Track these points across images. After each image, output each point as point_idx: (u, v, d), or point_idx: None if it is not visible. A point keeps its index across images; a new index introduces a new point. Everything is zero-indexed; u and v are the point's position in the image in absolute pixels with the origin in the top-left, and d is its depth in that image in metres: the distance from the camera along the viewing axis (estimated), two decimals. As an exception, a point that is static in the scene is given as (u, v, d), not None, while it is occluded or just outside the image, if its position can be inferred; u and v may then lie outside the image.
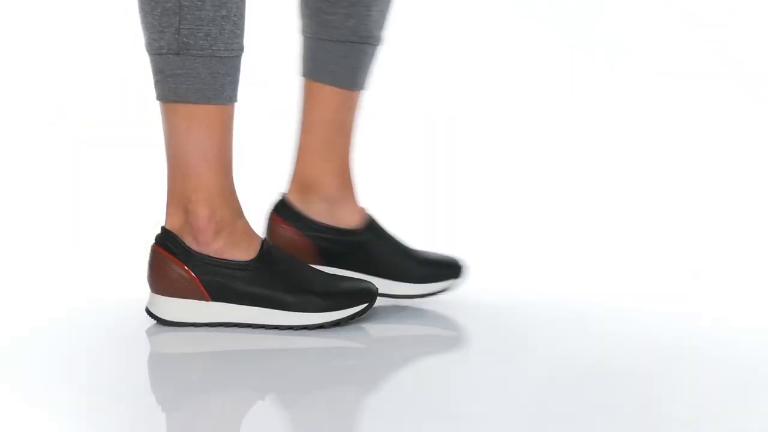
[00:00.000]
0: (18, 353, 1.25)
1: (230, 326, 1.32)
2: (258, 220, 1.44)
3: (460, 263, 1.46)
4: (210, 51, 1.28)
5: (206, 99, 1.29)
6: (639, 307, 1.50)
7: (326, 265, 1.42)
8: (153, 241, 1.35)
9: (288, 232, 1.43)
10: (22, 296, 1.53)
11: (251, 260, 1.32)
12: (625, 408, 1.08)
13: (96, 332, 1.34)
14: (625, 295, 1.55)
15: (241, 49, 1.31)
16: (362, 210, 1.45)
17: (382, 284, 1.41)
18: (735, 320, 1.44)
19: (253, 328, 1.32)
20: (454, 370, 1.24)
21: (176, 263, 1.32)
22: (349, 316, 1.33)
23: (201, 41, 1.27)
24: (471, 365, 1.26)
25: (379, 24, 1.43)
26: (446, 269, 1.45)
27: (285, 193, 1.46)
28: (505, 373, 1.21)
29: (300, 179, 1.45)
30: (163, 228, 1.35)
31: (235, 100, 1.33)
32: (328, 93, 1.43)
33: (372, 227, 1.44)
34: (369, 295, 1.34)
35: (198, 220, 1.32)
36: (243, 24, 1.31)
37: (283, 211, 1.45)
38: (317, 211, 1.44)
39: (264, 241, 1.35)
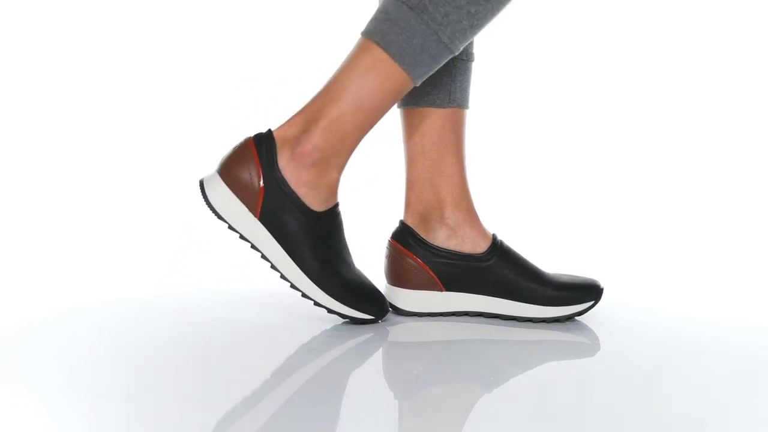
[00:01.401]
0: (17, 353, 1.25)
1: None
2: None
3: (599, 286, 1.41)
4: (437, 28, 1.28)
5: (402, 61, 1.29)
6: (640, 307, 1.50)
7: (448, 290, 1.41)
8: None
9: (410, 259, 1.42)
10: (22, 296, 1.53)
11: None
12: (625, 408, 1.08)
13: (114, 330, 1.34)
14: (625, 294, 1.55)
15: (455, 53, 1.30)
16: (486, 232, 1.43)
17: (510, 307, 1.40)
18: (735, 320, 1.44)
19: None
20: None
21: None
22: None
23: (437, 15, 1.27)
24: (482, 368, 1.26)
25: None
26: (582, 292, 1.40)
27: (404, 220, 1.44)
28: (503, 373, 1.21)
29: (417, 209, 1.44)
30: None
31: (416, 83, 1.31)
32: (427, 115, 1.42)
33: (498, 250, 1.41)
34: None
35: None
36: (472, 35, 1.30)
37: (403, 238, 1.43)
38: (441, 238, 1.42)
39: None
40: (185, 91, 2.48)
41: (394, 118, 1.47)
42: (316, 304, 1.33)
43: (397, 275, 1.42)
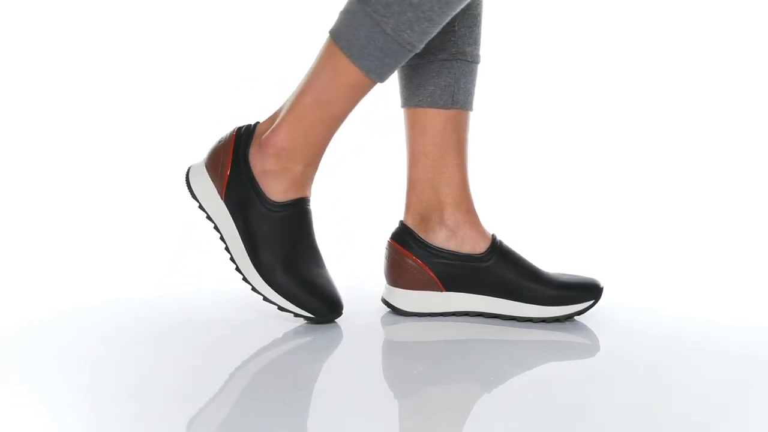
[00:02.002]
0: (17, 353, 1.25)
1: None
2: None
3: (598, 285, 1.41)
4: (380, 19, 1.26)
5: (349, 53, 1.29)
6: (640, 307, 1.50)
7: (448, 290, 1.41)
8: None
9: (410, 259, 1.41)
10: (22, 296, 1.53)
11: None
12: (625, 408, 1.08)
13: (116, 330, 1.34)
14: (625, 294, 1.55)
15: (410, 48, 1.28)
16: (486, 233, 1.43)
17: (510, 307, 1.40)
18: (735, 320, 1.44)
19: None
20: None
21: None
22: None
23: (379, 5, 1.26)
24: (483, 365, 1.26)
25: (469, 40, 1.41)
26: (582, 291, 1.39)
27: (404, 221, 1.44)
28: (503, 373, 1.21)
29: (417, 210, 1.43)
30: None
31: (374, 79, 1.30)
32: (430, 116, 1.41)
33: (497, 250, 1.41)
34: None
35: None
36: (422, 29, 1.28)
37: (402, 238, 1.42)
38: (440, 239, 1.42)
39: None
40: (185, 91, 2.48)
41: (396, 118, 1.47)
42: (253, 289, 1.35)
43: (397, 276, 1.42)
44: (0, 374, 1.18)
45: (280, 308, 1.34)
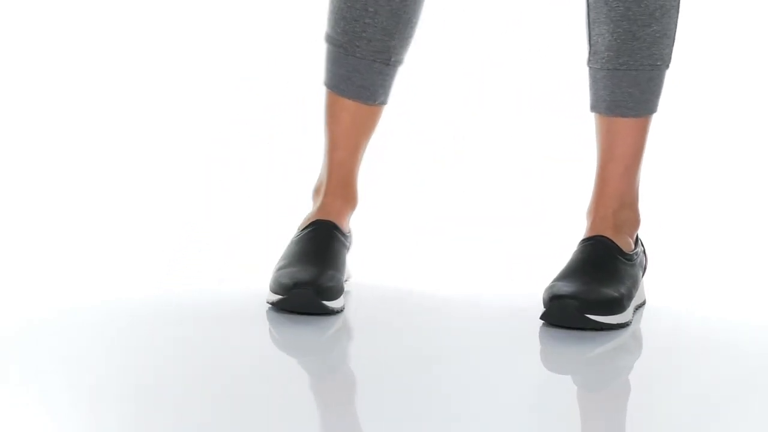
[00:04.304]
0: (17, 353, 1.25)
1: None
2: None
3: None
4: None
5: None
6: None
7: None
8: None
9: None
10: (22, 296, 1.53)
11: None
12: (625, 408, 1.08)
13: (109, 330, 1.34)
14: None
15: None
16: None
17: None
18: (739, 319, 1.44)
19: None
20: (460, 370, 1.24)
21: None
22: None
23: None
24: (468, 364, 1.26)
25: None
26: None
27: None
28: (503, 374, 1.21)
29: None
30: None
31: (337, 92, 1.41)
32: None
33: None
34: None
35: None
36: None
37: None
38: None
39: None
40: (185, 91, 2.48)
41: (397, 119, 1.47)
42: None
43: None
44: (0, 374, 1.17)
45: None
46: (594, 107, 1.41)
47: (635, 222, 1.43)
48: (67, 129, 2.40)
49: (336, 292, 1.35)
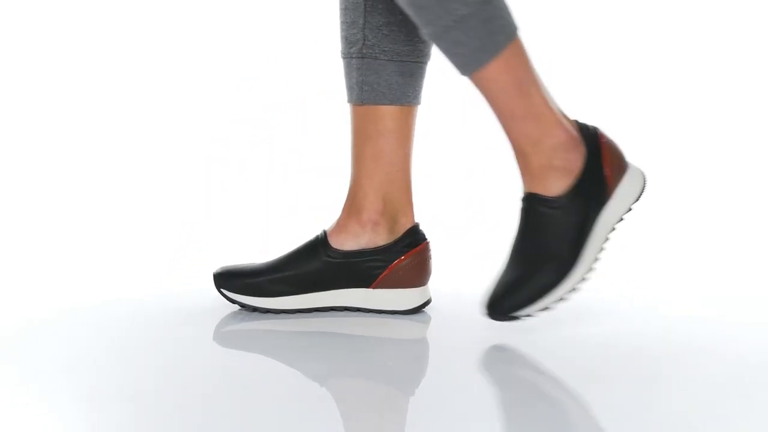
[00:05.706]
0: (17, 353, 1.26)
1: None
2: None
3: None
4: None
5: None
6: (640, 307, 1.50)
7: None
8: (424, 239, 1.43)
9: None
10: (22, 296, 1.53)
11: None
12: (625, 408, 1.08)
13: (117, 330, 1.34)
14: (624, 293, 1.56)
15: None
16: None
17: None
18: (736, 319, 1.44)
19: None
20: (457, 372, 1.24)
21: None
22: None
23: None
24: (474, 366, 1.26)
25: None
26: None
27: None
28: (497, 374, 1.21)
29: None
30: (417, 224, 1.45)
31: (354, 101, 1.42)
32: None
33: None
34: None
35: None
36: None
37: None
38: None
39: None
40: (185, 91, 2.48)
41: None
42: None
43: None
44: (0, 374, 1.18)
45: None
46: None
47: (556, 145, 1.35)
48: (67, 129, 2.41)
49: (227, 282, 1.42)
